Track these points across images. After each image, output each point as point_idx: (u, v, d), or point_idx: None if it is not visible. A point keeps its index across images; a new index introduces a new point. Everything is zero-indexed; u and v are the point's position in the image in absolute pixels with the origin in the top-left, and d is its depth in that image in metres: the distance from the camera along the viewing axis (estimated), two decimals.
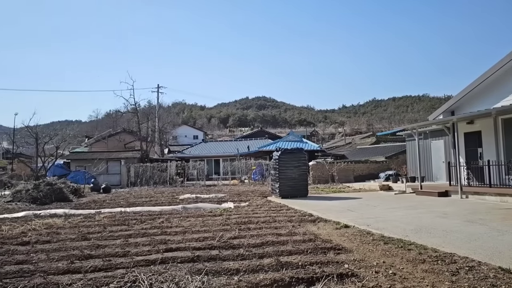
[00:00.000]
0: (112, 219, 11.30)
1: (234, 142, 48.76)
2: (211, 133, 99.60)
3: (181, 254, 6.76)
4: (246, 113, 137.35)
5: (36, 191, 17.85)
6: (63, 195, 18.32)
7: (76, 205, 16.07)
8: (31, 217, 12.14)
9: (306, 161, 18.52)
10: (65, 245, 7.87)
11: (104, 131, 54.61)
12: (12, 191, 19.20)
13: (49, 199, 17.50)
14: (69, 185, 20.83)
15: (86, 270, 6.01)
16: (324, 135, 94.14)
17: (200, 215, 11.71)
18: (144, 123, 42.24)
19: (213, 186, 26.97)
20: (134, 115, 42.44)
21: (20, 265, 6.43)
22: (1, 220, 11.65)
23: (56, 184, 18.81)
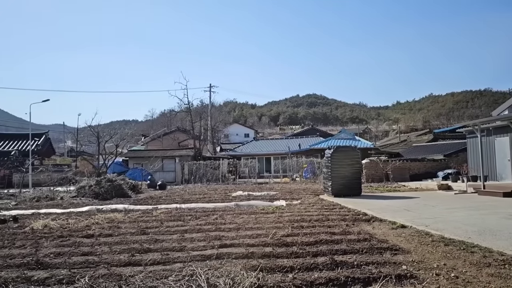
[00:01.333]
0: (168, 215, 11.69)
1: (285, 140, 48.69)
2: (261, 131, 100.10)
3: (235, 250, 6.87)
4: (296, 111, 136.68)
5: (98, 187, 18.85)
6: (122, 191, 19.20)
7: (135, 201, 16.78)
8: (94, 212, 12.83)
9: (359, 159, 18.11)
10: (126, 238, 8.25)
11: (159, 130, 56.58)
12: (77, 187, 20.43)
13: (109, 194, 18.41)
14: (128, 182, 21.78)
15: (146, 263, 6.27)
16: (377, 132, 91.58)
17: (252, 212, 11.82)
18: (197, 122, 43.29)
19: (264, 184, 27.11)
20: (187, 114, 43.60)
21: (86, 256, 6.82)
22: (67, 214, 12.41)
23: (116, 181, 19.75)
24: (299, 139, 47.11)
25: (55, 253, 7.05)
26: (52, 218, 10.77)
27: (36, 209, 14.31)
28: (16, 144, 36.95)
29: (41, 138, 37.76)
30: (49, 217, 11.02)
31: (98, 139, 28.21)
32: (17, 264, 6.39)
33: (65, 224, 10.16)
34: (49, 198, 18.34)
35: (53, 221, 10.39)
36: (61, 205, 15.60)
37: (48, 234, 8.97)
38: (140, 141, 52.31)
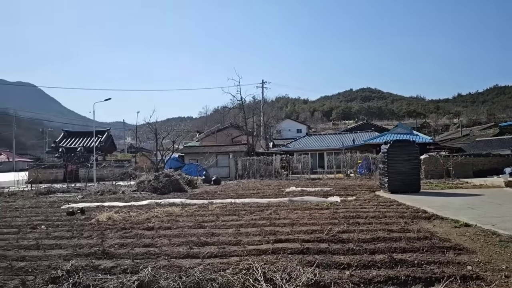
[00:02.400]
0: (223, 209, 11.91)
1: (338, 135, 47.87)
2: (314, 126, 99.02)
3: (290, 245, 6.87)
4: (350, 106, 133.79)
5: (156, 181, 19.60)
6: (179, 186, 19.83)
7: (191, 196, 17.27)
8: (153, 205, 13.35)
9: (418, 154, 17.40)
10: (184, 231, 8.52)
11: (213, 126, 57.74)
12: (137, 182, 21.38)
13: (167, 189, 19.08)
14: (184, 177, 22.44)
15: (204, 256, 6.44)
16: (436, 126, 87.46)
17: (306, 208, 11.75)
18: (249, 118, 43.70)
19: (318, 180, 26.85)
20: (240, 111, 44.12)
21: (147, 248, 7.13)
22: (129, 207, 13.02)
23: (173, 176, 20.43)
24: (353, 134, 46.09)
25: (119, 244, 7.44)
26: (115, 211, 11.35)
27: (100, 202, 15.15)
28: (81, 141, 39.29)
29: (103, 135, 39.87)
30: (113, 210, 11.62)
31: (156, 135, 29.33)
32: (85, 253, 6.81)
33: (127, 216, 10.66)
34: (112, 192, 19.33)
35: (116, 213, 10.95)
36: (123, 199, 16.39)
37: (112, 226, 9.47)
38: (195, 137, 53.69)
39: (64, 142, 39.47)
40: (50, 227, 9.63)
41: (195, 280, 4.64)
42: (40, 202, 16.22)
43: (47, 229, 9.36)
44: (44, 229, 9.37)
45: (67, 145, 38.65)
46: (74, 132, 42.47)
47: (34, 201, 16.56)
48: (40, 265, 6.09)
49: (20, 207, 14.38)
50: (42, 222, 10.36)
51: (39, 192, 20.35)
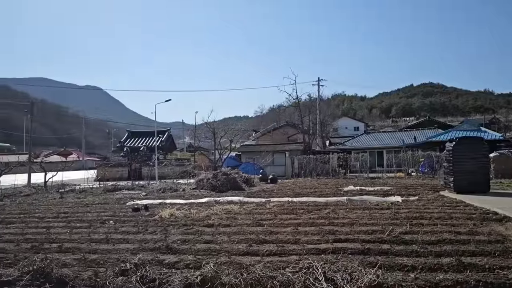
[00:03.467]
0: (281, 208, 11.94)
1: (398, 133, 46.20)
2: (372, 124, 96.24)
3: (350, 245, 6.75)
4: (410, 102, 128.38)
5: (215, 180, 20.05)
6: (236, 184, 20.14)
7: (248, 194, 17.47)
8: (213, 203, 13.66)
9: (487, 152, 16.36)
10: (243, 229, 8.64)
11: (268, 125, 57.94)
12: (196, 180, 22.01)
13: (225, 187, 19.45)
14: (241, 175, 22.75)
15: (263, 254, 6.50)
16: (507, 122, 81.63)
17: (366, 208, 11.47)
18: (305, 116, 43.35)
19: (377, 179, 26.09)
20: (296, 109, 43.91)
21: (208, 244, 7.33)
22: (189, 204, 13.44)
23: (231, 174, 20.80)
24: (414, 132, 44.24)
25: (181, 240, 7.71)
26: (176, 208, 11.76)
27: (162, 199, 15.76)
28: (144, 140, 41.13)
29: (164, 135, 41.47)
30: (174, 207, 12.04)
31: (214, 135, 30.00)
32: (150, 248, 7.14)
33: (188, 213, 11.01)
34: (173, 189, 20.05)
35: (177, 210, 11.34)
36: (183, 196, 16.94)
37: (174, 222, 9.83)
38: (251, 136, 54.25)
39: (128, 142, 41.53)
40: (118, 222, 10.18)
41: (256, 277, 4.70)
42: (108, 198, 17.19)
43: (115, 224, 9.91)
44: (112, 224, 9.93)
45: (131, 144, 40.63)
46: (137, 132, 44.55)
47: (102, 198, 17.57)
48: (110, 258, 6.47)
49: (90, 203, 15.32)
50: (110, 217, 10.97)
51: (107, 189, 21.57)
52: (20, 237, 8.43)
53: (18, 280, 5.12)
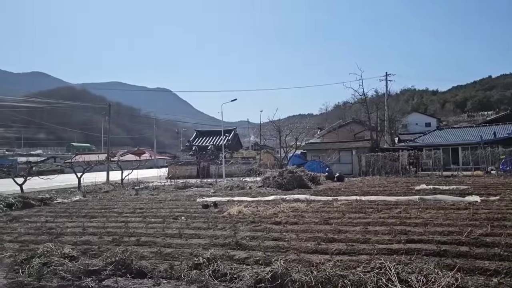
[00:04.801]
0: (349, 207, 11.71)
1: (475, 128, 43.18)
2: (445, 119, 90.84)
3: (425, 246, 6.47)
4: (488, 95, 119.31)
5: (281, 178, 20.13)
6: (302, 182, 20.06)
7: (315, 192, 17.34)
8: (279, 201, 13.73)
9: None
10: (310, 227, 8.61)
11: (333, 122, 56.96)
12: (262, 178, 22.25)
13: (291, 185, 19.46)
14: (307, 173, 22.62)
15: (332, 252, 6.44)
16: None
17: (440, 208, 10.89)
18: (373, 113, 42.03)
19: (451, 177, 24.64)
20: (362, 105, 42.71)
21: (276, 241, 7.39)
22: (256, 202, 13.61)
23: (297, 172, 20.75)
24: (494, 127, 41.09)
25: (250, 237, 7.85)
26: (244, 205, 11.97)
27: (230, 196, 16.13)
28: (211, 139, 42.35)
29: (230, 134, 42.37)
30: (242, 204, 12.27)
31: (279, 133, 30.13)
32: (221, 244, 7.35)
33: (256, 211, 11.17)
34: (240, 187, 20.45)
35: (245, 208, 11.55)
36: (250, 194, 17.21)
37: (242, 219, 10.04)
38: (316, 134, 53.70)
39: (197, 141, 42.99)
40: (189, 218, 10.60)
41: (326, 276, 4.67)
42: (179, 195, 17.94)
43: (186, 220, 10.33)
44: (184, 220, 10.36)
45: (199, 143, 42.03)
46: (204, 132, 45.96)
47: (173, 195, 18.37)
48: (183, 252, 6.76)
49: (162, 199, 16.10)
50: (181, 213, 11.45)
51: (177, 187, 22.51)
52: (102, 230, 9.08)
53: (102, 269, 5.53)
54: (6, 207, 13.85)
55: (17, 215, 12.19)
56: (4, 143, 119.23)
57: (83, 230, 9.11)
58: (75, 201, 16.76)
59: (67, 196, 18.18)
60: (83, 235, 8.58)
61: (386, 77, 49.01)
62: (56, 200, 16.66)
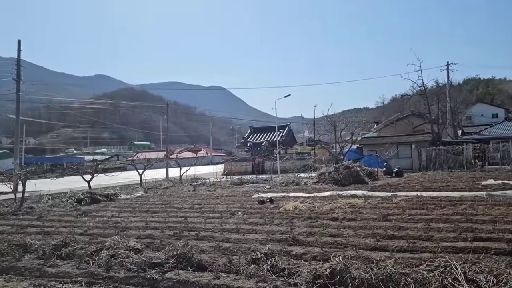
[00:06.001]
0: (409, 203, 11.29)
1: None
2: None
3: (494, 245, 6.11)
4: None
5: (337, 173, 19.80)
6: (359, 178, 19.60)
7: (372, 188, 16.89)
8: (335, 197, 13.53)
9: None
10: (369, 223, 8.41)
11: (390, 116, 55.11)
12: (317, 173, 22.02)
13: (347, 181, 19.08)
14: (364, 169, 22.05)
15: (393, 249, 6.25)
16: None
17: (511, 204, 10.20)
18: (433, 105, 40.12)
19: None
20: (421, 97, 40.90)
21: (334, 238, 7.30)
22: (312, 197, 13.52)
23: (353, 168, 20.30)
24: None
25: (306, 232, 7.82)
26: (300, 201, 11.92)
27: (285, 192, 16.15)
28: (265, 136, 42.53)
29: (284, 130, 42.30)
30: (298, 200, 12.23)
31: (334, 128, 29.62)
32: (277, 239, 7.38)
33: (312, 207, 11.09)
34: (295, 183, 20.38)
35: (301, 203, 11.50)
36: (305, 190, 17.11)
37: (298, 215, 10.00)
38: (372, 128, 52.24)
39: (251, 137, 43.38)
40: (246, 214, 10.74)
41: (387, 273, 4.54)
42: (235, 191, 18.23)
43: (243, 215, 10.47)
44: (240, 215, 10.52)
45: (253, 140, 42.39)
46: (259, 128, 46.27)
47: (230, 191, 18.70)
48: (241, 247, 6.87)
49: (219, 195, 16.44)
50: (238, 209, 11.63)
51: (233, 183, 22.88)
52: (163, 225, 9.45)
53: (165, 262, 5.75)
54: (76, 203, 14.84)
55: (85, 210, 13.00)
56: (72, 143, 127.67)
57: (145, 225, 9.54)
58: (137, 197, 17.58)
59: (130, 192, 19.13)
60: (146, 229, 8.98)
61: (448, 67, 46.51)
62: (120, 196, 17.60)
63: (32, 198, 16.36)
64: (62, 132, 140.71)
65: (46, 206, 14.22)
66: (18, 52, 27.33)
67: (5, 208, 13.81)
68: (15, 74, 27.26)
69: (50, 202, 14.96)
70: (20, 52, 27.38)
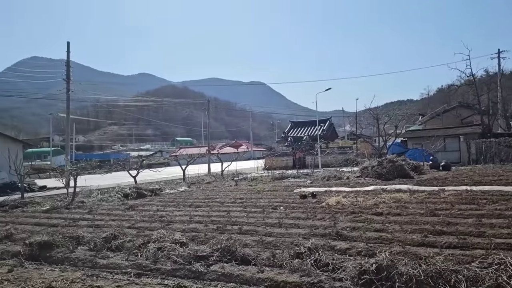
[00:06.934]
0: (458, 197, 10.84)
1: None
2: None
3: None
4: None
5: (380, 167, 19.33)
6: (404, 172, 19.02)
7: (418, 182, 16.35)
8: (379, 191, 13.21)
9: None
10: (415, 219, 8.15)
11: (436, 107, 53.08)
12: (360, 168, 21.60)
13: (391, 175, 18.57)
14: (409, 162, 21.37)
15: (442, 246, 6.03)
16: None
17: None
18: (483, 95, 38.24)
19: None
20: (470, 87, 39.10)
21: (379, 233, 7.13)
22: (355, 192, 13.29)
23: (397, 162, 19.73)
24: None
25: (350, 227, 7.70)
26: (343, 196, 11.74)
27: (327, 187, 15.97)
28: (306, 130, 42.21)
29: (325, 124, 41.78)
30: (340, 195, 12.06)
31: (377, 121, 28.89)
32: (321, 234, 7.32)
33: (355, 201, 10.90)
34: (337, 177, 20.10)
35: (344, 198, 11.33)
36: (348, 184, 16.84)
37: (341, 209, 9.86)
38: (417, 120, 50.56)
39: (292, 132, 43.19)
40: (288, 208, 10.72)
41: (437, 270, 4.38)
42: (276, 186, 18.23)
43: (285, 210, 10.46)
44: (283, 210, 10.51)
45: (294, 134, 42.18)
46: (299, 123, 45.97)
47: (271, 185, 18.73)
48: (284, 241, 6.86)
49: (261, 190, 16.50)
50: (280, 203, 11.63)
51: (274, 178, 22.87)
52: (207, 219, 9.62)
53: (210, 255, 5.85)
54: (123, 197, 15.41)
55: (132, 204, 13.46)
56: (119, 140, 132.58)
57: (190, 219, 9.74)
58: (181, 191, 17.99)
59: (174, 187, 19.63)
60: (190, 223, 9.17)
61: (499, 54, 44.02)
62: (164, 190, 18.09)
63: (82, 193, 17.15)
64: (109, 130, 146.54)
65: (95, 201, 14.87)
66: (67, 54, 28.63)
67: (59, 202, 14.58)
68: (65, 75, 28.61)
69: (99, 196, 15.62)
70: (69, 54, 28.67)
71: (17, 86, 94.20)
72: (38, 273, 5.92)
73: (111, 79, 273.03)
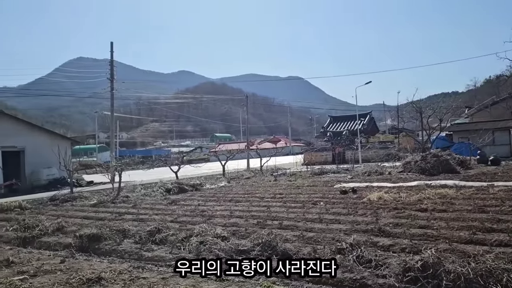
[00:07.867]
0: (509, 193, 10.32)
1: None
2: None
3: None
4: None
5: (424, 162, 18.73)
6: (449, 167, 18.34)
7: (465, 177, 15.71)
8: (423, 187, 12.82)
9: None
10: (462, 215, 7.84)
11: (484, 99, 50.73)
12: (403, 162, 21.01)
13: (436, 170, 17.95)
14: (454, 157, 20.59)
15: (491, 243, 5.78)
16: None
17: None
18: None
19: None
20: None
21: (423, 229, 6.93)
22: (397, 188, 12.93)
23: (442, 156, 19.05)
24: None
25: (393, 223, 7.51)
26: (384, 191, 11.47)
27: (368, 182, 15.65)
28: (345, 125, 41.58)
29: (365, 118, 40.97)
30: (382, 190, 11.80)
31: (420, 114, 27.95)
32: (362, 230, 7.20)
33: (397, 197, 10.63)
34: (378, 172, 19.65)
35: (386, 194, 11.06)
36: (389, 180, 16.44)
37: (383, 205, 9.65)
38: (463, 113, 48.53)
39: (331, 126, 42.69)
40: (328, 204, 10.61)
41: (487, 268, 4.20)
42: (316, 181, 18.08)
43: (325, 205, 10.35)
44: (323, 205, 10.41)
45: (333, 129, 41.67)
46: (338, 117, 45.34)
47: (310, 181, 18.59)
48: (325, 236, 6.81)
49: (300, 185, 16.41)
50: (320, 199, 11.52)
51: (314, 173, 22.70)
52: (247, 213, 9.69)
53: (251, 250, 5.90)
54: (165, 192, 15.82)
55: (174, 199, 13.79)
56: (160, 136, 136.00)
57: (230, 213, 9.86)
58: (221, 186, 18.23)
59: (214, 182, 19.91)
60: (231, 218, 9.27)
61: None
62: (205, 185, 18.40)
63: (127, 188, 17.73)
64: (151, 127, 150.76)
65: (139, 195, 15.35)
66: (111, 54, 29.66)
67: (105, 196, 15.16)
68: (109, 74, 29.66)
69: (143, 191, 16.12)
70: (112, 53, 29.70)
71: (64, 86, 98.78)
72: (88, 264, 6.19)
73: (152, 77, 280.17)
